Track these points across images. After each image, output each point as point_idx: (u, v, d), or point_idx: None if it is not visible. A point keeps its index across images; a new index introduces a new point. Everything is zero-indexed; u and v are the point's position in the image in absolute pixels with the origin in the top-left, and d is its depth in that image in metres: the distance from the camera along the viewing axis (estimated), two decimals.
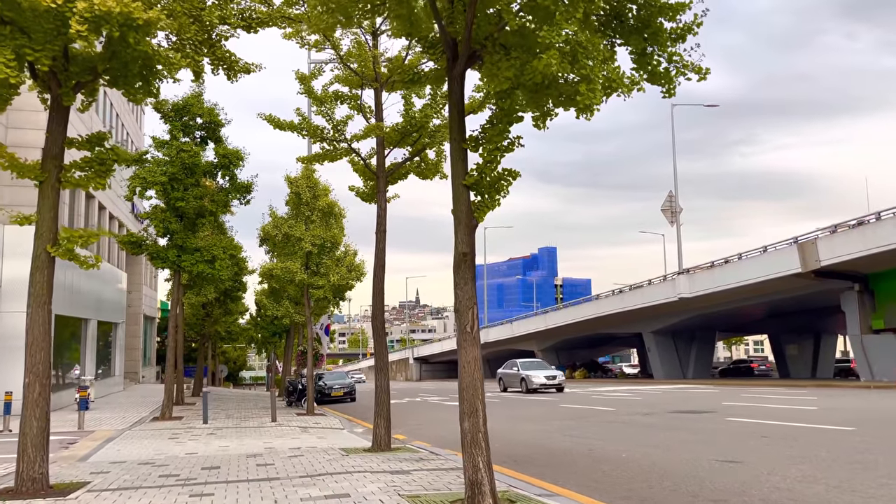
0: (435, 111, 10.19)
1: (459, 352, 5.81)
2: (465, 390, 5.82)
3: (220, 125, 19.73)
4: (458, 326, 5.79)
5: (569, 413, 18.34)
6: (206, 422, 17.09)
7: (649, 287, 40.66)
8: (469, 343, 5.81)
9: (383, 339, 10.07)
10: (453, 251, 6.01)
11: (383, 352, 10.05)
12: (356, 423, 18.71)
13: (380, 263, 10.20)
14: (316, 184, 20.98)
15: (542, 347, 57.60)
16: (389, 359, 48.41)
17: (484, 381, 5.90)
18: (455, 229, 6.03)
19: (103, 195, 28.16)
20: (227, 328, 36.75)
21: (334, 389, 31.05)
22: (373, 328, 9.97)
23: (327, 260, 20.54)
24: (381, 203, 10.36)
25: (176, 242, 19.10)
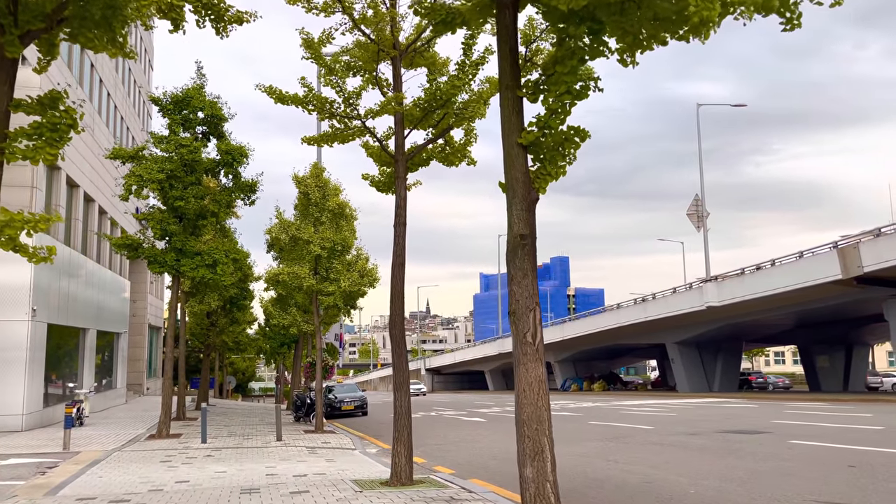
0: (463, 83, 8.67)
1: (517, 370, 4.30)
2: (527, 423, 4.28)
3: (222, 119, 18.33)
4: (513, 335, 4.27)
5: (602, 432, 16.66)
6: (205, 441, 15.56)
7: (674, 296, 38.85)
8: (531, 358, 4.30)
9: (403, 351, 8.50)
10: (507, 234, 4.47)
11: (403, 365, 8.47)
12: (369, 442, 17.13)
13: (398, 261, 8.65)
14: (326, 183, 19.54)
15: (559, 359, 55.80)
16: None
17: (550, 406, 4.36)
18: (508, 205, 4.51)
19: (102, 196, 26.86)
20: (235, 338, 35.32)
21: (345, 403, 29.50)
22: (391, 337, 8.42)
23: (338, 264, 19.04)
24: (399, 191, 8.83)
25: (175, 245, 17.67)
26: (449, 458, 13.06)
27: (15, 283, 18.62)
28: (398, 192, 8.84)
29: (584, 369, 56.66)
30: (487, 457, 12.91)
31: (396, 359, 8.48)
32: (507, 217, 4.53)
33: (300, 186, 19.51)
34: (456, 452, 13.91)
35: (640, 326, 41.89)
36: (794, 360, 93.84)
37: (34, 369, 19.13)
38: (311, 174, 19.59)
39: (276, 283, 19.05)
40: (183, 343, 24.11)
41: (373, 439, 17.81)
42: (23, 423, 18.44)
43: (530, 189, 4.50)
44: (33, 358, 19.05)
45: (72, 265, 23.00)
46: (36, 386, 19.35)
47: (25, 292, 18.75)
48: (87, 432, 18.33)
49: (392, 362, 8.47)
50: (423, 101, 8.90)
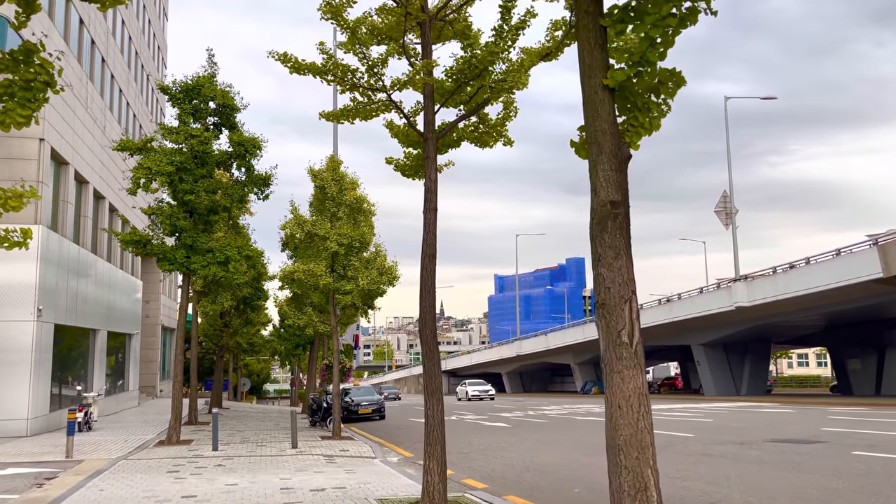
0: (502, 50, 7.65)
1: (609, 380, 3.30)
2: (624, 450, 3.28)
3: (235, 110, 17.45)
4: (603, 333, 3.27)
5: None
6: (216, 448, 14.65)
7: (701, 296, 37.54)
8: (628, 364, 3.30)
9: (435, 353, 7.49)
10: (590, 203, 3.46)
11: (435, 369, 7.46)
12: (389, 449, 16.15)
13: (429, 252, 7.64)
14: (343, 177, 18.59)
15: (580, 361, 54.56)
16: (416, 371, 46.62)
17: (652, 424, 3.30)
18: (592, 165, 3.51)
19: (112, 193, 26.12)
20: (249, 340, 34.51)
21: (362, 406, 28.52)
22: (421, 338, 7.41)
23: (355, 261, 18.08)
24: (429, 173, 7.82)
25: (185, 242, 16.81)
26: (477, 468, 12.03)
27: (19, 281, 17.87)
28: (428, 174, 7.84)
29: None
30: (520, 468, 11.87)
31: (428, 362, 7.46)
32: (591, 180, 3.52)
33: (316, 180, 18.57)
34: (484, 462, 12.88)
35: (665, 328, 40.59)
36: (818, 363, 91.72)
37: (40, 372, 18.35)
38: (328, 167, 18.65)
39: (290, 281, 18.13)
40: (195, 345, 23.27)
41: (393, 446, 16.82)
42: (28, 429, 17.65)
43: (620, 143, 3.51)
44: (39, 360, 18.27)
45: (81, 264, 22.25)
46: (42, 389, 18.58)
47: (30, 291, 17.98)
48: (95, 438, 17.51)
49: (423, 365, 7.46)
50: (455, 71, 7.89)
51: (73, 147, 21.77)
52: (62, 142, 20.52)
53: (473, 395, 46.09)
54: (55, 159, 20.38)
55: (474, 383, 47.98)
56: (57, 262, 19.74)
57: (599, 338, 3.48)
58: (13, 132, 18.59)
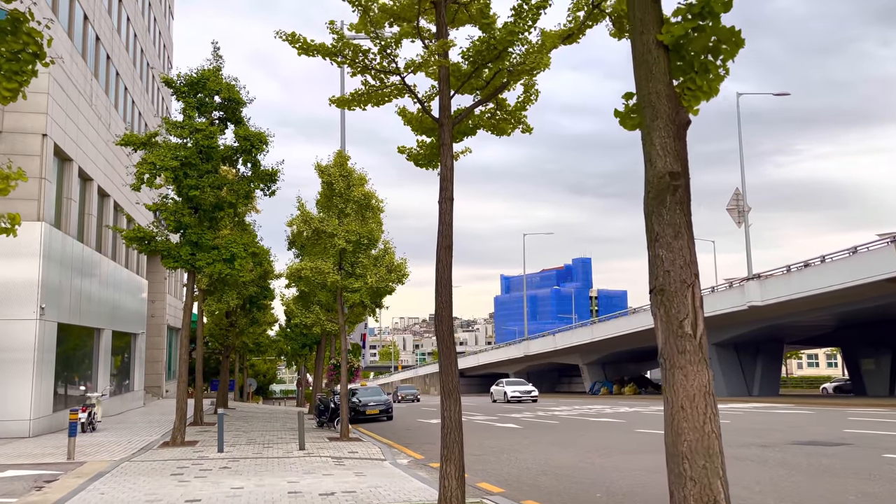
0: (522, 30, 7.23)
1: (669, 377, 2.88)
2: (689, 457, 2.83)
3: (240, 104, 17.07)
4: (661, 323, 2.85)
5: (656, 442, 15.06)
6: (222, 450, 14.27)
7: (712, 295, 37.00)
8: (691, 358, 2.88)
9: (452, 351, 7.07)
10: (645, 174, 3.04)
11: (452, 368, 7.04)
12: (398, 451, 15.74)
13: (445, 244, 7.23)
14: (350, 172, 18.22)
15: (588, 361, 54.03)
16: (423, 372, 46.03)
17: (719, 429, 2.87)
18: (646, 131, 3.10)
19: (118, 191, 25.80)
20: (255, 339, 34.19)
21: (369, 407, 28.11)
22: (437, 336, 7.00)
23: (363, 259, 17.69)
24: (445, 161, 7.41)
25: (190, 238, 16.44)
26: (491, 471, 11.61)
27: (22, 279, 17.54)
28: (443, 161, 7.42)
29: (614, 372, 54.83)
30: (536, 471, 11.44)
31: (444, 360, 7.04)
32: (645, 149, 3.10)
33: (323, 176, 18.21)
34: (497, 464, 12.45)
35: None
36: (828, 363, 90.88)
37: (43, 371, 18.03)
38: (335, 163, 18.29)
39: (298, 279, 17.76)
40: (200, 344, 22.93)
41: (402, 448, 16.41)
42: (30, 430, 17.32)
43: (678, 107, 3.09)
44: (42, 359, 17.95)
45: (85, 262, 21.94)
46: (45, 389, 18.25)
47: (33, 290, 17.66)
48: (98, 439, 17.17)
49: (439, 364, 7.04)
50: (472, 52, 7.47)
51: (77, 143, 21.45)
52: (66, 138, 20.21)
53: (514, 396, 40.03)
54: (58, 156, 20.07)
55: (514, 383, 42.21)
56: (60, 260, 19.42)
57: (657, 329, 3.06)
58: (16, 127, 18.31)
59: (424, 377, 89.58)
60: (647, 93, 3.09)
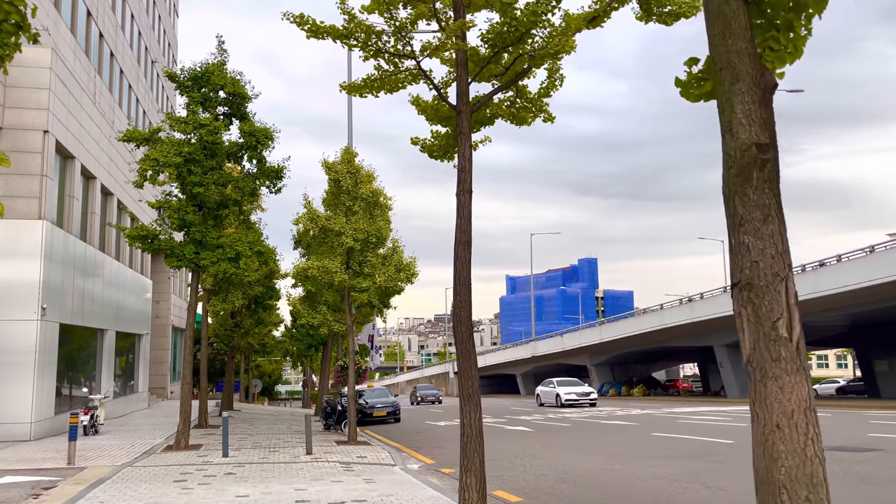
0: (545, 11, 6.75)
1: (761, 388, 2.42)
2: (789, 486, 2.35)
3: (245, 99, 16.65)
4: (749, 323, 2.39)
5: (677, 447, 14.57)
6: (227, 454, 13.83)
7: (724, 295, 36.40)
8: (787, 367, 2.42)
9: (472, 352, 6.60)
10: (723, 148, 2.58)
11: (472, 371, 6.57)
12: (408, 455, 15.28)
13: (464, 239, 6.77)
14: (358, 169, 17.79)
15: (596, 362, 53.48)
16: (429, 372, 45.33)
17: None
18: (725, 97, 2.64)
19: (121, 190, 25.43)
20: (261, 340, 33.79)
21: (376, 409, 27.70)
22: (455, 336, 6.54)
23: (372, 258, 17.24)
24: (463, 151, 6.94)
25: (194, 237, 16.03)
26: (508, 478, 11.13)
27: (22, 279, 17.16)
28: (461, 151, 6.95)
29: (622, 373, 54.25)
30: (554, 478, 10.96)
31: (464, 362, 6.57)
32: (723, 118, 2.63)
33: (330, 173, 17.77)
34: (513, 471, 11.97)
35: (687, 328, 39.48)
36: (838, 364, 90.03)
37: (44, 373, 17.64)
38: (342, 159, 17.86)
39: (304, 278, 17.33)
40: (205, 345, 22.53)
41: (412, 452, 15.96)
42: (31, 433, 16.93)
43: (762, 68, 2.63)
44: (43, 360, 17.57)
45: (88, 262, 21.56)
46: (46, 391, 17.87)
47: (34, 290, 17.27)
48: (100, 442, 16.77)
49: (458, 367, 6.57)
50: (492, 35, 7.00)
51: (80, 141, 21.08)
52: (68, 135, 19.83)
53: (569, 399, 32.60)
54: (60, 153, 19.69)
55: (568, 383, 34.25)
56: (62, 260, 19.04)
57: (742, 332, 2.59)
58: (16, 124, 17.93)
59: (430, 378, 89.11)
60: (724, 52, 2.60)
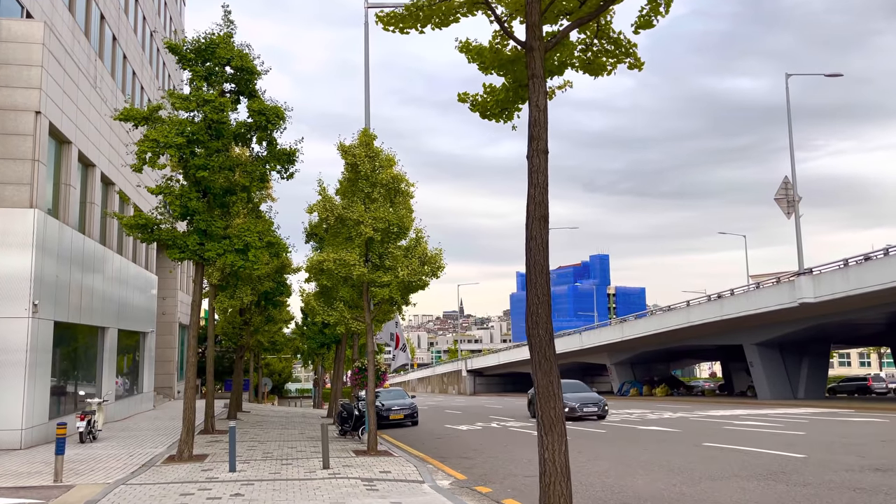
0: None
1: None
2: None
3: (255, 74, 15.10)
4: None
5: (739, 461, 12.91)
6: (234, 469, 12.31)
7: (757, 292, 34.62)
8: None
9: (552, 365, 5.00)
10: None
11: (554, 389, 4.97)
12: (434, 467, 13.73)
13: (539, 214, 5.19)
14: (377, 153, 16.20)
15: (616, 361, 51.77)
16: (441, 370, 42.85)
17: None
18: None
19: (123, 179, 23.95)
20: (271, 338, 32.36)
21: (393, 411, 26.17)
22: (530, 342, 4.96)
23: (393, 249, 15.67)
24: (535, 99, 5.35)
25: (198, 226, 14.51)
26: None
27: (11, 273, 15.71)
28: (533, 99, 5.35)
29: (643, 372, 52.50)
30: (616, 502, 9.35)
31: (543, 377, 4.97)
32: None
33: (347, 157, 16.18)
34: None
35: (715, 326, 37.71)
36: (860, 363, 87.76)
37: (37, 375, 16.20)
38: (360, 142, 16.27)
39: (319, 272, 15.79)
40: (211, 345, 21.05)
41: (438, 463, 14.39)
42: (22, 440, 15.48)
43: None
44: (36, 361, 16.12)
45: (86, 256, 20.12)
46: (39, 395, 16.42)
47: (24, 285, 15.81)
48: (97, 451, 15.30)
49: (535, 383, 4.97)
50: None
51: (77, 125, 19.62)
52: (63, 118, 18.37)
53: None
54: (55, 137, 18.24)
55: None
56: (57, 253, 17.59)
57: None
58: (5, 103, 16.45)
59: (442, 376, 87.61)
60: None
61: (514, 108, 6.28)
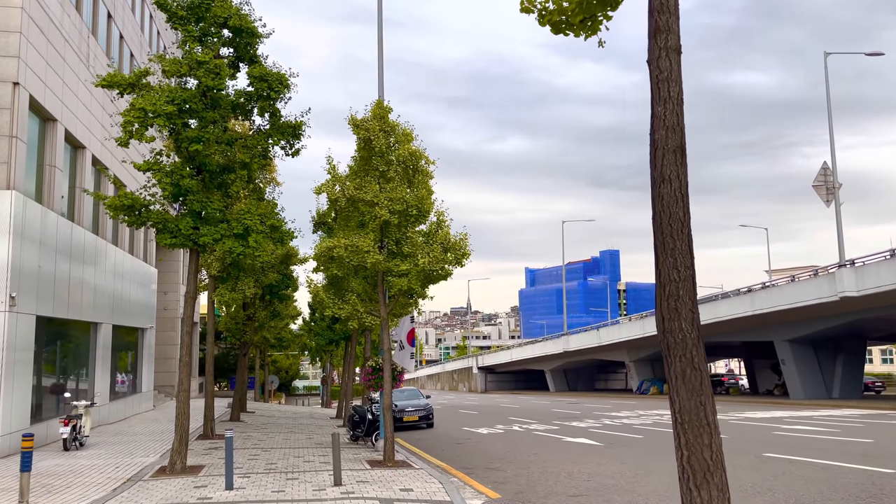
0: None
1: None
2: None
3: (256, 36, 13.34)
4: None
5: (824, 480, 11.10)
6: (231, 486, 10.59)
7: (791, 285, 32.67)
8: None
9: (703, 376, 3.23)
10: None
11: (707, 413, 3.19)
12: (461, 481, 12.00)
13: (674, 143, 3.45)
14: (394, 127, 14.41)
15: (635, 358, 49.87)
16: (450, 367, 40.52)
17: None
18: None
19: (116, 163, 22.23)
20: (277, 334, 30.67)
21: (407, 413, 24.49)
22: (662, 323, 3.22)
23: (412, 234, 13.90)
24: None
25: (192, 208, 12.79)
26: None
27: None
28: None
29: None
30: None
31: (689, 396, 3.20)
32: None
33: (359, 132, 14.37)
34: None
35: (744, 321, 35.78)
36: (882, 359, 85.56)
37: (16, 375, 14.55)
38: (374, 114, 14.47)
39: (328, 260, 14.05)
40: (211, 342, 19.36)
41: (463, 476, 12.65)
42: None
43: None
44: (15, 360, 14.47)
45: (75, 245, 18.46)
46: (19, 397, 14.77)
47: (0, 274, 14.14)
48: (80, 461, 13.63)
49: (673, 401, 3.20)
50: None
51: (64, 102, 17.93)
52: (47, 92, 16.68)
53: None
54: (38, 113, 16.56)
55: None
56: (40, 240, 15.92)
57: None
58: None
59: (452, 373, 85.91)
60: None
61: (602, 13, 4.47)
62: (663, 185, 3.34)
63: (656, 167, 3.38)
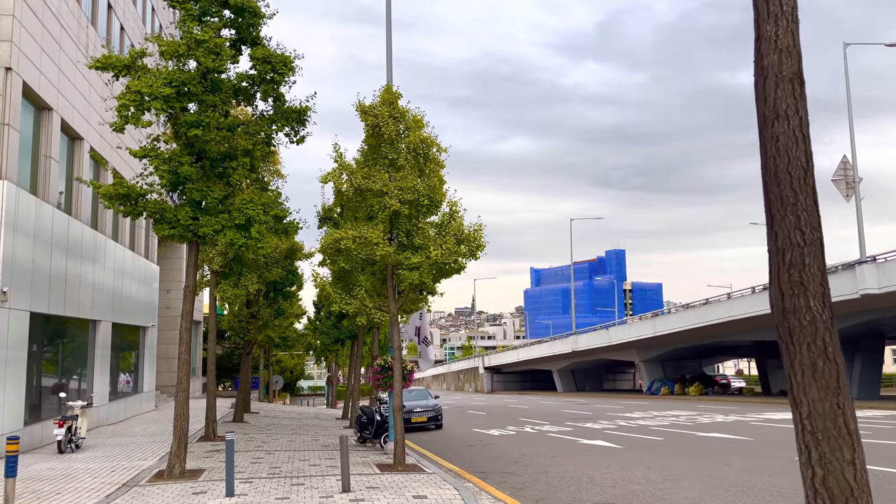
0: None
1: None
2: None
3: (259, 17, 12.64)
4: None
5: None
6: (232, 493, 9.87)
7: None
8: None
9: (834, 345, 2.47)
10: None
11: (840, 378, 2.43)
12: (476, 486, 11.28)
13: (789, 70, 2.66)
14: (403, 113, 13.68)
15: (646, 358, 49.02)
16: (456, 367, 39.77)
17: None
18: None
19: (116, 156, 21.54)
20: (282, 333, 29.96)
21: (415, 413, 23.78)
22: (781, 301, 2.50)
23: (424, 225, 13.17)
24: None
25: (191, 197, 12.09)
26: None
27: None
28: None
29: (673, 369, 49.73)
30: None
31: (821, 395, 2.44)
32: None
33: (367, 118, 13.64)
34: None
35: (759, 320, 34.90)
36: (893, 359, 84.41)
37: (10, 374, 13.88)
38: (382, 100, 13.74)
39: (335, 252, 13.32)
40: (213, 338, 18.68)
41: (479, 481, 11.90)
42: None
43: None
44: (9, 359, 13.81)
45: (73, 240, 17.79)
46: (12, 397, 14.09)
47: None
48: (74, 465, 12.94)
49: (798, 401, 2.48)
50: None
51: (60, 91, 17.27)
52: (42, 79, 16.02)
53: None
54: (32, 101, 15.90)
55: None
56: (34, 234, 15.25)
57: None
58: None
59: (458, 373, 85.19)
60: None
61: None
62: (778, 123, 2.59)
63: (767, 101, 2.64)
